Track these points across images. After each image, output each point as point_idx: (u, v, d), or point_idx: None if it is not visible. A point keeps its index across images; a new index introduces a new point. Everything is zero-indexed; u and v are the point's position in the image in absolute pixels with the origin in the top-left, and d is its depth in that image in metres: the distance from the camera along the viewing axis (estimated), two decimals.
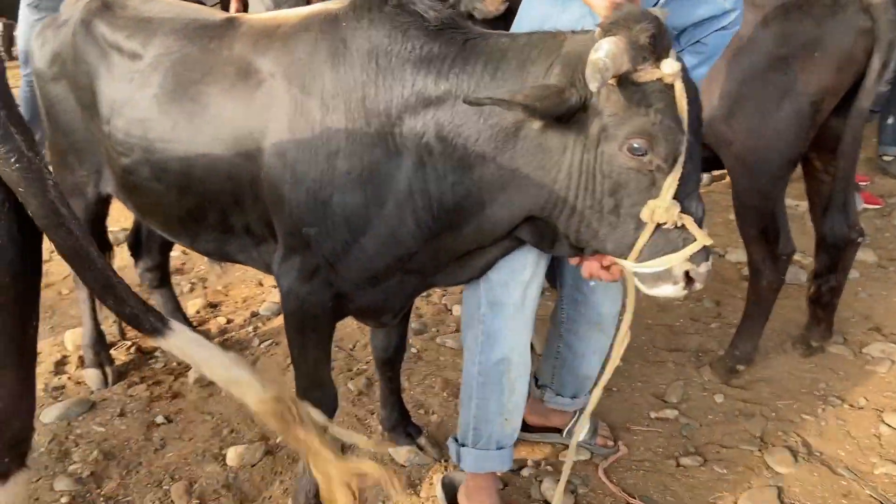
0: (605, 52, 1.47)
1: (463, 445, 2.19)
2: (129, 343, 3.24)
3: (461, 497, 2.25)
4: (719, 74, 2.65)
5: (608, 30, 1.58)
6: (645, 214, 1.60)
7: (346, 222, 1.82)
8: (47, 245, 3.34)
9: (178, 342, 1.30)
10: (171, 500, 2.34)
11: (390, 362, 2.45)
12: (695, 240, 1.62)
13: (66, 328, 3.34)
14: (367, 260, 1.86)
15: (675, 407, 2.81)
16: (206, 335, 3.33)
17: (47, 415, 2.72)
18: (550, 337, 2.46)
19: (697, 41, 1.97)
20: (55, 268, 3.85)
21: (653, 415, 2.77)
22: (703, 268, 1.66)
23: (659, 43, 1.57)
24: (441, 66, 1.71)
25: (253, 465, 2.50)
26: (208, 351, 1.33)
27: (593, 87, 1.48)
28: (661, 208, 1.58)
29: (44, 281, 3.77)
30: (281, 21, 1.99)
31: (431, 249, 1.87)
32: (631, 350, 3.18)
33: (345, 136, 1.78)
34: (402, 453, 2.52)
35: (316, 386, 2.10)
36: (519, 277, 1.96)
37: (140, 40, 2.20)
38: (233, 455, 2.52)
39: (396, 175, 1.77)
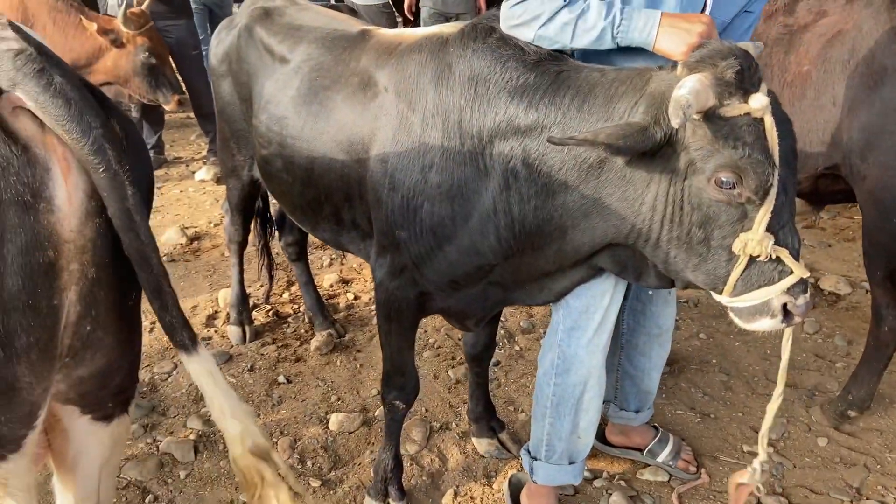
0: (688, 90, 1.51)
1: (535, 459, 2.30)
2: (269, 307, 3.66)
3: (523, 496, 2.37)
4: (859, 105, 2.51)
5: (693, 67, 1.62)
6: (737, 247, 1.62)
7: (433, 230, 1.99)
8: (212, 214, 3.82)
9: (196, 367, 1.41)
10: (277, 451, 2.66)
11: (478, 359, 2.61)
12: (791, 272, 1.62)
13: (222, 286, 3.82)
14: (448, 266, 2.02)
15: (773, 444, 2.72)
16: (335, 308, 3.67)
17: None
18: (611, 349, 2.50)
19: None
20: (221, 231, 4.39)
21: (745, 448, 2.71)
22: (802, 300, 1.65)
23: (747, 77, 1.58)
24: (532, 97, 1.82)
25: (350, 433, 2.77)
26: (216, 389, 1.42)
27: (675, 123, 1.53)
28: (754, 241, 1.59)
29: (210, 243, 4.33)
30: (402, 39, 2.18)
31: (512, 265, 1.99)
32: (740, 378, 3.12)
33: (440, 153, 1.94)
34: (483, 445, 2.67)
35: (398, 371, 2.31)
36: (598, 303, 2.03)
37: (288, 45, 2.49)
38: (334, 421, 2.80)
39: (483, 193, 1.91)
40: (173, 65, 5.12)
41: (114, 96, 4.93)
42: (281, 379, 3.09)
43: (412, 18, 6.41)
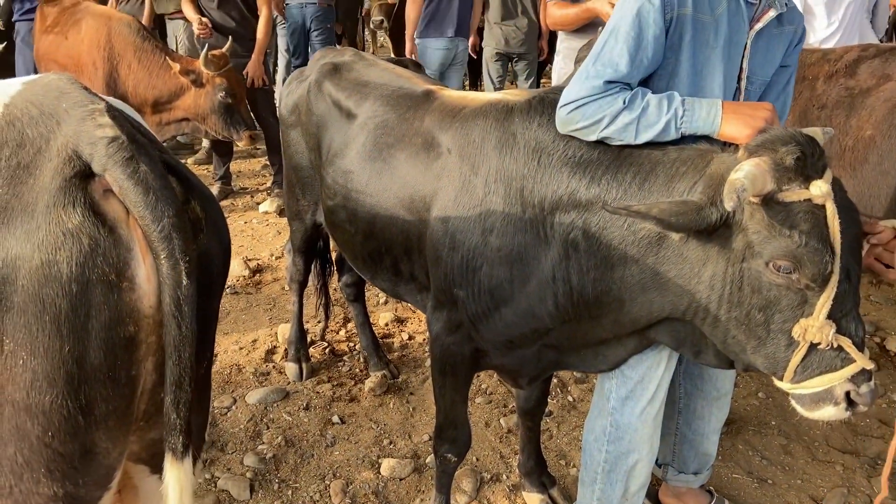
0: (744, 174, 1.52)
1: None
2: (325, 344, 3.74)
3: None
4: None
5: (753, 151, 1.62)
6: (797, 333, 1.60)
7: (491, 291, 2.02)
8: (275, 247, 3.91)
9: (174, 476, 1.36)
10: (329, 495, 2.72)
11: (531, 413, 2.61)
12: (854, 360, 1.59)
13: (281, 321, 3.93)
14: (504, 326, 2.05)
15: None
16: (389, 347, 3.73)
17: (251, 396, 3.26)
18: (667, 412, 2.47)
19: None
20: (282, 265, 4.51)
21: None
22: (866, 388, 1.61)
23: (809, 163, 1.58)
24: (595, 172, 1.85)
25: (401, 479, 2.80)
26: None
27: (728, 206, 1.53)
28: (814, 328, 1.57)
29: (272, 276, 4.45)
30: (466, 103, 2.24)
31: (568, 330, 2.01)
32: (800, 442, 3.04)
33: (501, 217, 1.98)
34: (534, 500, 2.67)
35: (451, 425, 2.33)
36: (653, 374, 2.03)
37: (355, 101, 2.58)
38: (386, 466, 2.84)
39: (542, 261, 1.93)
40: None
41: (191, 131, 5.17)
42: (335, 419, 3.15)
43: (475, 57, 6.50)
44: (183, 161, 6.89)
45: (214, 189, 5.88)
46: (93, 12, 5.22)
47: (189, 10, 5.45)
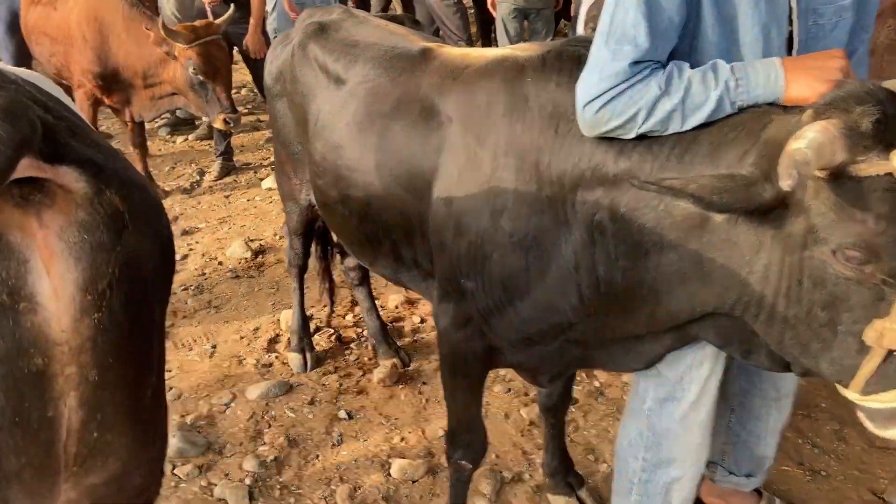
0: (808, 142, 1.20)
1: None
2: (331, 331, 3.49)
3: None
4: None
5: (821, 111, 1.29)
6: (870, 337, 1.28)
7: (504, 283, 1.73)
8: (278, 225, 3.57)
9: None
10: (336, 501, 2.48)
11: (553, 409, 2.34)
12: None
13: (285, 306, 3.67)
14: (520, 322, 1.77)
15: None
16: (399, 332, 3.47)
17: (252, 392, 3.03)
18: (719, 410, 2.18)
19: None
20: (283, 244, 4.25)
21: None
22: None
23: (892, 127, 1.25)
24: (624, 143, 1.52)
25: (414, 482, 2.56)
26: None
27: (785, 184, 1.22)
28: (893, 331, 1.26)
29: (274, 257, 4.19)
30: (468, 61, 1.92)
31: (594, 325, 1.72)
32: (854, 426, 2.74)
33: (513, 197, 1.68)
34: (561, 503, 2.41)
35: (465, 429, 2.07)
36: (696, 373, 1.73)
37: (344, 65, 2.27)
38: (397, 468, 2.60)
39: (563, 246, 1.63)
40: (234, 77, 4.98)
41: (183, 106, 4.86)
42: (342, 414, 2.91)
43: (494, 16, 6.09)
44: (184, 137, 6.69)
45: (216, 165, 5.61)
46: None
47: None
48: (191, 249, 4.43)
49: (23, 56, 5.76)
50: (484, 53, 1.94)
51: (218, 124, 4.56)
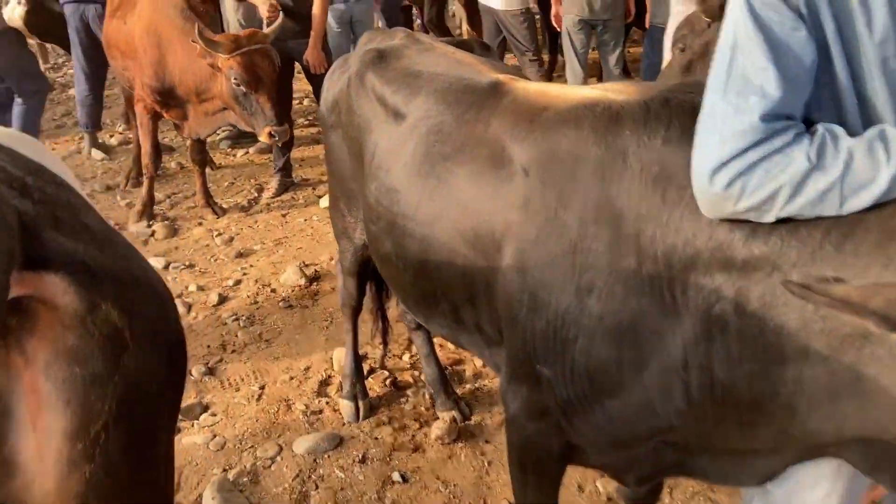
0: None
1: None
2: (386, 374, 3.22)
3: None
4: None
5: None
6: None
7: (590, 376, 1.42)
8: (335, 248, 3.20)
9: None
10: None
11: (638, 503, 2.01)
12: None
13: (338, 342, 3.41)
14: (608, 424, 1.45)
15: None
16: (460, 376, 3.19)
17: (299, 445, 2.78)
18: None
19: None
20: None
21: None
22: None
23: None
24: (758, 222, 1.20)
25: None
26: None
27: None
28: None
29: (329, 285, 3.94)
30: (549, 101, 1.61)
31: (701, 431, 1.38)
32: None
33: (605, 273, 1.36)
34: None
35: None
36: (808, 495, 1.38)
37: (404, 97, 2.00)
38: None
39: (668, 339, 1.31)
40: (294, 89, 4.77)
41: (235, 122, 4.68)
42: (396, 476, 2.63)
43: (558, 29, 5.74)
44: (244, 150, 6.56)
45: (274, 181, 5.45)
46: None
47: None
48: (244, 274, 4.25)
49: (94, 67, 5.75)
50: (567, 93, 1.62)
51: (263, 137, 4.34)
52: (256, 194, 5.47)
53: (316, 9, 4.93)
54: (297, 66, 5.21)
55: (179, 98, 4.65)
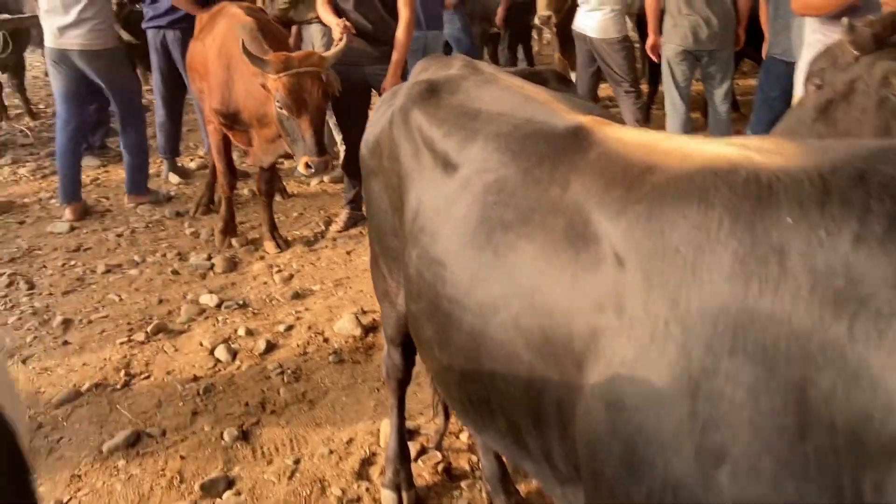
0: None
1: None
2: (439, 457, 2.74)
3: None
4: None
5: None
6: None
7: None
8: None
9: None
10: None
11: None
12: None
13: (388, 412, 2.97)
14: None
15: None
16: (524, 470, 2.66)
17: None
18: None
19: None
20: None
21: None
22: None
23: None
24: None
25: None
26: None
27: None
28: None
29: (375, 340, 3.49)
30: (657, 159, 1.10)
31: None
32: None
33: (746, 437, 0.85)
34: None
35: None
36: None
37: (457, 142, 1.54)
38: None
39: None
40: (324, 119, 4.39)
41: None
42: None
43: (657, 61, 5.20)
44: (319, 179, 6.28)
45: (343, 214, 5.12)
46: (225, 13, 4.62)
47: (326, 14, 4.63)
48: (298, 318, 3.88)
49: (172, 92, 5.67)
50: (685, 148, 1.11)
51: (301, 168, 3.99)
52: (324, 227, 5.16)
53: (400, 34, 4.58)
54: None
55: (244, 122, 4.43)
